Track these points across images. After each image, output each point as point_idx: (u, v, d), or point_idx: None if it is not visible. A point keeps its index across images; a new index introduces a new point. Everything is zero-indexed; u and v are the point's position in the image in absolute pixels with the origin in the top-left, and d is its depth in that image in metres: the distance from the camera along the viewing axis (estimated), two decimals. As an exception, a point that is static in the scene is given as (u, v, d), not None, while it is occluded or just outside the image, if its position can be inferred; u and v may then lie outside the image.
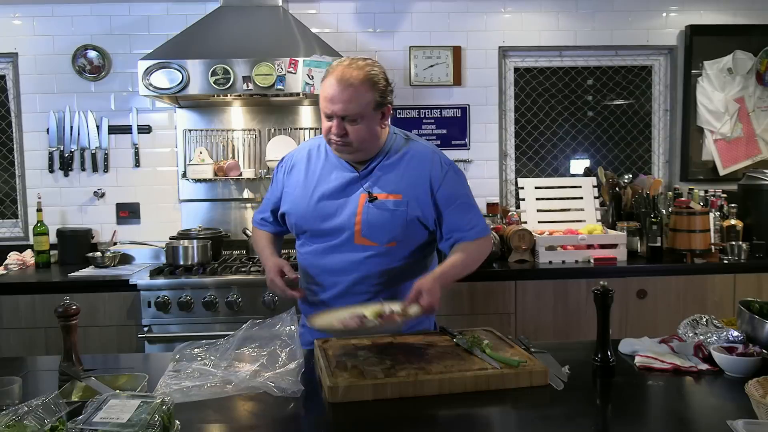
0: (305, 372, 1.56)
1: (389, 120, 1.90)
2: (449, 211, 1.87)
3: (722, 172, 3.82)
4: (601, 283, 1.60)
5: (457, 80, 3.71)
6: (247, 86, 3.07)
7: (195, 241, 3.27)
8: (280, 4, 3.35)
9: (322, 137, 1.91)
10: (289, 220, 1.98)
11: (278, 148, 3.53)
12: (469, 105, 3.75)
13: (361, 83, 1.74)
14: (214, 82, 3.07)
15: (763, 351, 1.60)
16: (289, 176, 1.99)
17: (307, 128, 3.67)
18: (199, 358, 1.63)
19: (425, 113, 3.74)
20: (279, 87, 3.08)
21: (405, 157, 1.89)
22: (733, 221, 3.43)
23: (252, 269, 3.11)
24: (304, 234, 1.95)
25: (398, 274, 1.89)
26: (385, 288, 1.88)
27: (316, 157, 1.95)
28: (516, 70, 3.86)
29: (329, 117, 1.78)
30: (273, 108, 3.67)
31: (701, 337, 1.72)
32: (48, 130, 3.61)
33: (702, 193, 3.59)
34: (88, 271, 3.23)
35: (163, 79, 3.07)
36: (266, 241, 2.05)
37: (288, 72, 3.06)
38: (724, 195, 3.57)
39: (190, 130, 3.65)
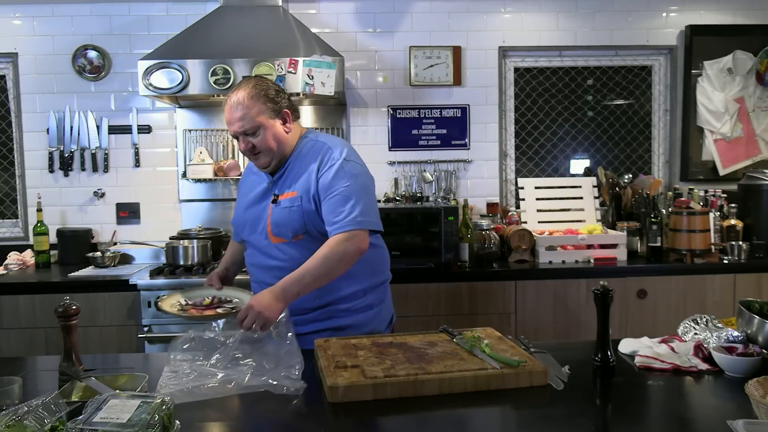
0: (305, 371, 1.57)
1: (295, 123, 2.03)
2: (326, 200, 1.92)
3: (722, 172, 3.82)
4: (601, 283, 1.60)
5: (457, 80, 3.71)
6: (247, 86, 3.07)
7: (195, 241, 3.27)
8: (280, 4, 3.35)
9: None
10: (234, 229, 2.20)
11: (278, 148, 3.53)
12: (469, 105, 3.75)
13: (248, 98, 1.92)
14: (214, 82, 3.08)
15: (763, 351, 1.60)
16: (239, 193, 2.20)
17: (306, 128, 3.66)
18: (198, 359, 1.63)
19: (425, 113, 3.74)
20: (279, 87, 3.08)
21: (305, 155, 2.00)
22: (733, 221, 3.43)
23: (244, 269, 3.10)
24: (242, 239, 2.13)
25: None
26: (306, 293, 1.91)
27: (251, 173, 2.14)
28: (516, 70, 3.86)
29: (236, 137, 1.97)
30: (273, 108, 3.66)
31: (701, 337, 1.72)
32: (48, 130, 3.61)
33: (702, 193, 3.59)
34: (88, 271, 3.23)
35: (163, 79, 3.07)
36: (228, 253, 2.28)
37: (288, 72, 3.06)
38: (724, 195, 3.58)
39: (190, 130, 3.65)
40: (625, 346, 1.76)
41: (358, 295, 2.00)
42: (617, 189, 3.69)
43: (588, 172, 3.86)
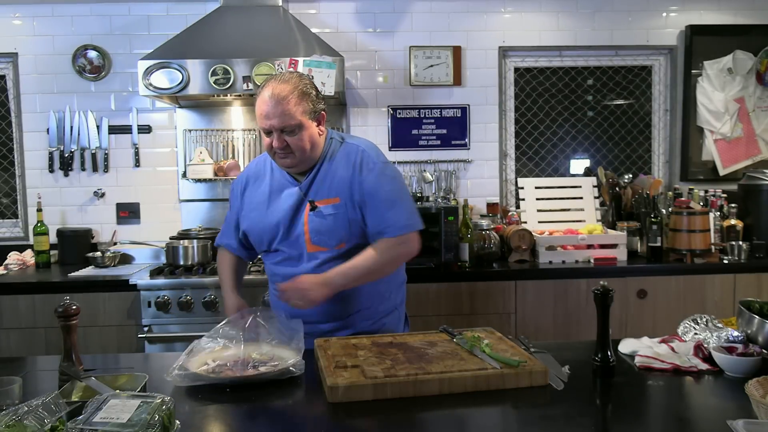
0: (305, 372, 1.57)
1: (325, 126, 1.96)
2: (372, 205, 1.89)
3: (722, 172, 3.82)
4: (601, 283, 1.60)
5: (457, 80, 3.71)
6: (247, 86, 3.07)
7: (195, 241, 3.27)
8: (280, 4, 3.35)
9: (266, 154, 1.99)
10: (250, 238, 2.06)
11: (278, 148, 3.53)
12: (469, 105, 3.75)
13: (292, 95, 1.82)
14: (214, 82, 3.08)
15: (763, 351, 1.60)
16: (243, 197, 2.06)
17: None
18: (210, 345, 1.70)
19: (425, 113, 3.74)
20: (279, 87, 3.08)
21: (338, 159, 1.93)
22: (733, 221, 3.43)
23: (252, 269, 3.11)
24: (264, 250, 2.04)
25: None
26: (346, 289, 1.90)
27: (263, 175, 2.02)
28: (516, 70, 3.86)
29: (268, 133, 1.85)
30: (273, 108, 3.66)
31: (701, 337, 1.72)
32: (48, 130, 3.61)
33: (702, 193, 3.59)
34: (88, 271, 3.23)
35: (163, 79, 3.07)
36: (228, 273, 2.10)
37: (288, 72, 3.05)
38: (724, 195, 3.57)
39: (190, 130, 3.65)
40: (625, 346, 1.76)
41: (385, 296, 2.00)
42: (617, 189, 3.69)
43: (588, 172, 3.86)
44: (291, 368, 1.56)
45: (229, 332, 1.73)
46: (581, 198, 3.64)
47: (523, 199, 3.63)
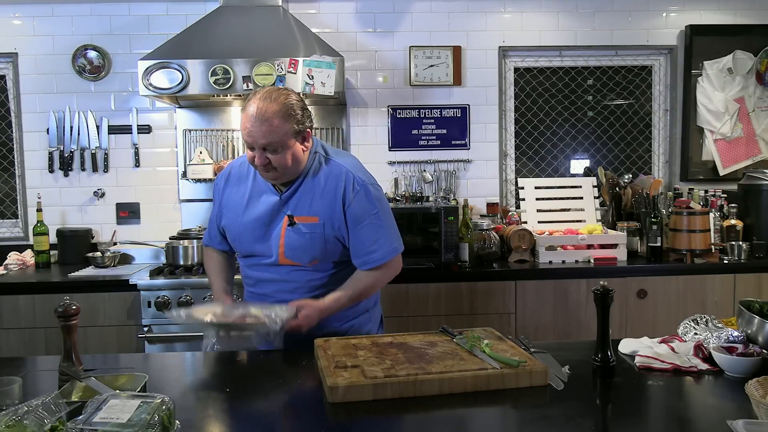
0: (305, 372, 1.56)
1: (311, 142, 1.94)
2: (356, 230, 1.91)
3: (722, 172, 3.82)
4: (601, 283, 1.60)
5: (457, 80, 3.71)
6: (247, 86, 3.08)
7: (195, 241, 3.27)
8: (280, 4, 3.35)
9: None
10: (227, 236, 2.08)
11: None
12: (469, 105, 3.75)
13: (276, 116, 1.79)
14: (214, 82, 3.08)
15: (763, 351, 1.60)
16: (223, 197, 2.06)
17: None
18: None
19: (425, 113, 3.74)
20: (279, 87, 3.08)
21: (322, 178, 1.93)
22: (733, 221, 3.43)
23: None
24: (238, 250, 2.08)
25: (327, 285, 1.96)
26: (318, 296, 1.93)
27: (246, 178, 2.01)
28: (516, 70, 3.86)
29: (251, 147, 1.84)
30: (273, 108, 3.66)
31: (701, 337, 1.72)
32: (48, 130, 3.61)
33: (702, 193, 3.59)
34: (88, 271, 3.23)
35: (163, 79, 3.07)
36: (217, 270, 2.13)
37: (288, 72, 3.06)
38: (724, 195, 3.57)
39: (190, 130, 3.65)
40: (625, 346, 1.76)
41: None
42: (617, 189, 3.69)
43: (588, 172, 3.86)
44: (267, 322, 1.73)
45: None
46: (581, 198, 3.64)
47: (523, 199, 3.63)
